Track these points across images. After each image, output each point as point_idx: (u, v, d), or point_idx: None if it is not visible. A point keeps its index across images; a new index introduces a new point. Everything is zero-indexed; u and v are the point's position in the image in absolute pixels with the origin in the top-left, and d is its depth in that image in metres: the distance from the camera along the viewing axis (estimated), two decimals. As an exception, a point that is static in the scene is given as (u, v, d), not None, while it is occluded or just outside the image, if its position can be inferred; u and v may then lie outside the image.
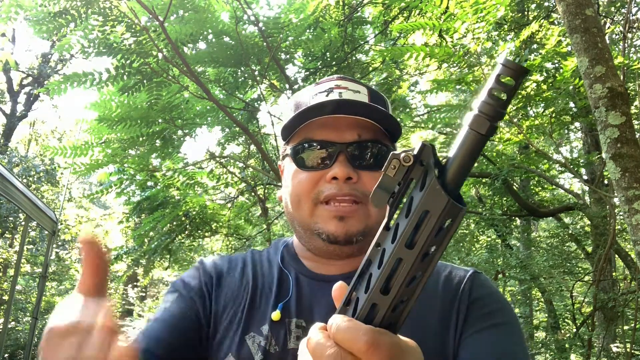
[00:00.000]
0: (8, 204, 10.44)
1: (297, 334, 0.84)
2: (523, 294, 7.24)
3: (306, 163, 0.87)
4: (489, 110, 0.41)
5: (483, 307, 0.84)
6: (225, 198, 6.36)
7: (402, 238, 0.45)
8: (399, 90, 5.84)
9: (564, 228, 6.80)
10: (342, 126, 0.85)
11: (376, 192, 0.47)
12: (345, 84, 0.90)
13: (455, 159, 0.43)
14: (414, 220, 0.44)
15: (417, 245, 0.44)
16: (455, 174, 0.43)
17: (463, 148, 0.43)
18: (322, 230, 0.84)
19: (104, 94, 3.95)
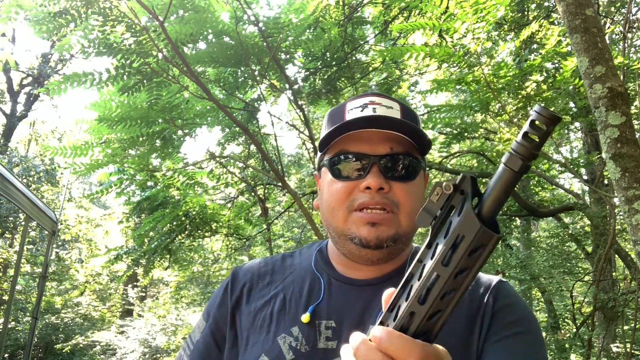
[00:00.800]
0: (8, 204, 10.44)
1: (326, 335, 0.89)
2: (523, 294, 7.24)
3: (342, 173, 0.93)
4: (522, 150, 0.47)
5: (506, 316, 0.88)
6: (225, 198, 6.36)
7: (440, 256, 0.51)
8: (399, 90, 5.84)
9: (564, 228, 6.80)
10: (376, 140, 0.92)
11: (421, 214, 0.53)
12: (379, 100, 0.97)
13: (492, 191, 0.49)
14: (450, 241, 0.50)
15: (452, 263, 0.50)
16: (490, 204, 0.50)
17: (499, 182, 0.49)
18: (355, 235, 0.90)
19: (104, 94, 3.95)
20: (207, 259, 9.32)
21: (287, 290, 0.97)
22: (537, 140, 0.46)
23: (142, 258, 5.34)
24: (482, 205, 0.50)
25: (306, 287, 0.96)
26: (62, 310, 13.13)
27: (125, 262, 6.18)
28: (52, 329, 12.38)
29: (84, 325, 13.03)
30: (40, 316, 11.10)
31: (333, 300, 0.93)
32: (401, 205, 0.90)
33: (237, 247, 6.95)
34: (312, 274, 0.98)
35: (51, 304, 13.06)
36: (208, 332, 0.98)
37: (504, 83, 3.81)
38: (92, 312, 13.88)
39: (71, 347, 11.88)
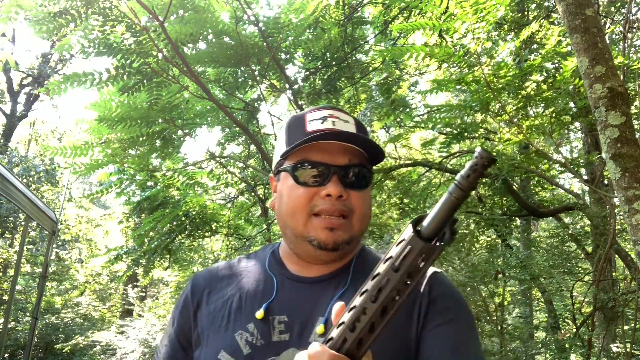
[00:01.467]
0: (8, 204, 10.44)
1: (279, 329, 0.97)
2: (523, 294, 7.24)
3: (303, 180, 1.00)
4: (464, 184, 0.56)
5: (440, 304, 0.97)
6: (225, 198, 6.36)
7: (390, 263, 0.61)
8: (399, 90, 5.84)
9: (564, 228, 6.80)
10: (336, 151, 1.00)
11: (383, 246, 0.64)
12: (337, 114, 1.06)
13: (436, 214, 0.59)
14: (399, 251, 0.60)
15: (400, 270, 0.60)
16: (428, 227, 0.59)
17: (443, 207, 0.58)
18: (314, 238, 0.98)
19: (104, 94, 3.95)
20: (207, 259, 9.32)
21: (243, 290, 1.04)
22: (473, 177, 0.56)
23: (142, 258, 5.34)
24: (426, 224, 0.60)
25: (260, 287, 1.04)
26: (62, 310, 13.12)
27: (125, 262, 6.18)
28: (52, 329, 12.38)
29: (84, 325, 13.03)
30: (40, 316, 11.10)
31: (285, 297, 1.00)
32: (356, 211, 1.00)
33: (237, 247, 6.95)
34: (266, 274, 1.06)
35: (51, 304, 13.06)
36: (174, 337, 1.07)
37: (504, 83, 3.80)
38: (92, 312, 13.88)
39: (71, 347, 11.88)
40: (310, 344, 0.90)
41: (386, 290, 0.60)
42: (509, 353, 5.74)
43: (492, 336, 6.21)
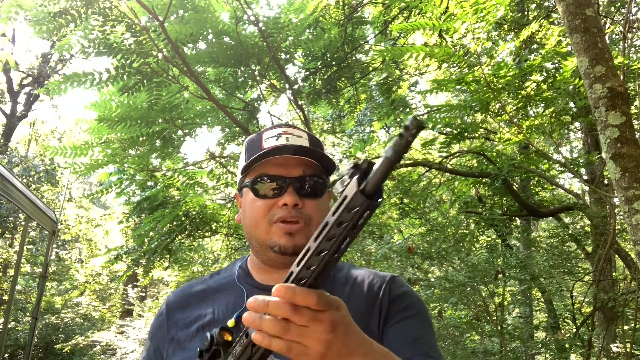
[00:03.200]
0: (8, 204, 10.44)
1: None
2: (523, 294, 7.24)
3: (262, 193, 1.09)
4: (397, 144, 0.59)
5: (400, 302, 1.07)
6: (225, 198, 6.35)
7: (332, 210, 0.64)
8: (399, 90, 5.84)
9: (564, 228, 6.80)
10: (290, 164, 1.09)
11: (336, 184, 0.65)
12: (290, 131, 1.15)
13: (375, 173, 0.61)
14: (338, 202, 0.62)
15: (336, 214, 0.63)
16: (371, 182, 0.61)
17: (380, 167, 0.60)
18: (275, 243, 1.07)
19: (104, 94, 3.95)
20: (207, 259, 9.32)
21: (215, 304, 1.11)
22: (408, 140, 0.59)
23: (142, 258, 5.34)
24: (363, 179, 0.62)
25: (232, 299, 1.11)
26: (62, 310, 13.12)
27: (125, 262, 6.18)
28: (52, 329, 12.38)
29: (84, 325, 13.03)
30: (40, 316, 11.10)
31: None
32: (313, 218, 1.08)
33: (237, 247, 6.96)
34: (236, 287, 1.14)
35: (51, 304, 13.06)
36: (152, 354, 1.14)
37: (504, 83, 3.81)
38: (92, 312, 13.87)
39: (71, 347, 11.88)
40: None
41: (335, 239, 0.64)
42: (509, 353, 5.74)
43: (492, 336, 6.21)
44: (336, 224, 0.63)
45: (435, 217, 6.83)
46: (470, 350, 6.16)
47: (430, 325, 1.10)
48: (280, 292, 0.67)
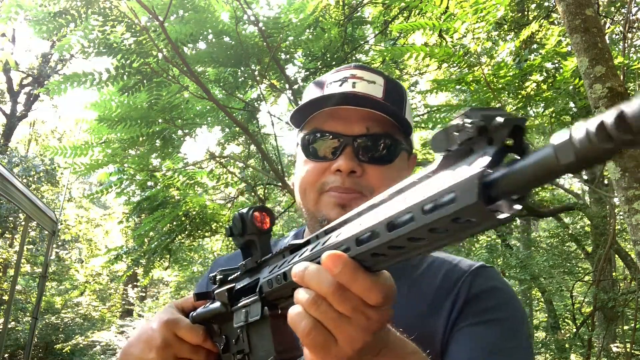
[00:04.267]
0: (8, 204, 10.43)
1: None
2: (523, 294, 7.24)
3: (314, 153, 0.89)
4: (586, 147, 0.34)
5: (482, 302, 0.81)
6: (225, 198, 6.35)
7: (426, 199, 0.42)
8: (399, 90, 5.83)
9: (564, 228, 6.80)
10: (352, 118, 0.85)
11: (439, 136, 0.43)
12: (361, 74, 0.90)
13: (517, 170, 0.37)
14: (441, 193, 0.40)
15: (431, 215, 0.41)
16: (502, 184, 0.38)
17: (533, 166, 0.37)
18: (325, 217, 0.86)
19: (104, 94, 3.95)
20: (207, 259, 9.32)
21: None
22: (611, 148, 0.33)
23: (142, 258, 5.34)
24: (491, 179, 0.38)
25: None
26: (62, 310, 13.12)
27: (125, 262, 6.17)
28: (52, 329, 12.38)
29: (84, 325, 13.02)
30: (40, 316, 11.09)
31: None
32: (375, 191, 0.83)
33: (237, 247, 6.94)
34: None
35: (51, 304, 13.05)
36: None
37: (504, 83, 3.80)
38: (92, 312, 13.87)
39: (71, 347, 11.88)
40: None
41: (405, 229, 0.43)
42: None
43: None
44: (427, 228, 0.42)
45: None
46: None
47: (523, 337, 0.80)
48: (328, 262, 0.50)
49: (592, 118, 0.33)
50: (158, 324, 0.75)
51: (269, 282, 0.62)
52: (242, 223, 0.69)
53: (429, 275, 0.86)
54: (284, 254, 0.63)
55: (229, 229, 0.71)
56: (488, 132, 0.39)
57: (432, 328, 0.80)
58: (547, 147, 0.35)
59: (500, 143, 0.38)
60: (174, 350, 0.74)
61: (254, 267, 0.69)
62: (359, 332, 0.51)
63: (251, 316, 0.66)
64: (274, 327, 0.64)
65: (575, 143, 0.33)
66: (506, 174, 0.38)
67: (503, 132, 0.38)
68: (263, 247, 0.69)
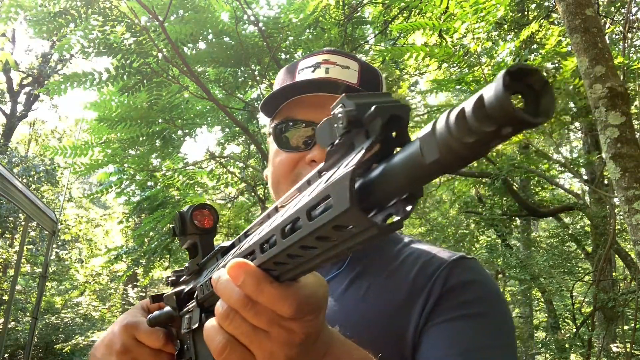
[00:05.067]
0: (8, 204, 10.43)
1: None
2: (523, 294, 7.24)
3: (286, 143, 0.84)
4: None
5: (459, 295, 0.75)
6: (225, 198, 6.35)
7: (308, 204, 0.37)
8: (399, 90, 5.84)
9: (564, 228, 6.80)
10: (325, 105, 0.78)
11: (323, 128, 0.38)
12: (334, 59, 0.86)
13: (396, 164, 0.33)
14: (319, 195, 0.36)
15: (316, 222, 0.36)
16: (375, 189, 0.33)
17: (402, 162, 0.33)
18: None
19: (104, 94, 3.95)
20: (207, 259, 9.31)
21: None
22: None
23: (142, 258, 5.34)
24: (364, 180, 0.34)
25: None
26: (62, 310, 13.12)
27: (125, 262, 6.18)
28: (52, 329, 12.37)
29: (84, 325, 13.02)
30: (40, 316, 11.09)
31: None
32: None
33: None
34: None
35: (51, 304, 13.05)
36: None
37: (504, 83, 3.79)
38: (92, 312, 13.87)
39: (71, 347, 11.88)
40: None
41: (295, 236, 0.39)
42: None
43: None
44: (314, 236, 0.37)
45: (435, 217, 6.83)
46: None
47: (503, 334, 0.73)
48: (231, 272, 0.45)
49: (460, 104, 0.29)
50: (118, 328, 0.72)
51: (201, 289, 0.58)
52: (181, 222, 0.64)
53: (406, 265, 0.80)
54: (217, 256, 0.60)
55: (172, 229, 0.67)
56: (363, 123, 0.34)
57: (404, 322, 0.75)
58: (415, 140, 0.32)
59: (376, 136, 0.33)
60: (134, 354, 0.70)
61: (196, 270, 0.66)
62: (279, 346, 0.46)
63: (192, 323, 0.63)
64: None
65: (437, 135, 0.29)
66: (379, 175, 0.34)
67: (378, 123, 0.33)
68: (205, 248, 0.65)
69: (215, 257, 0.61)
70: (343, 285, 0.81)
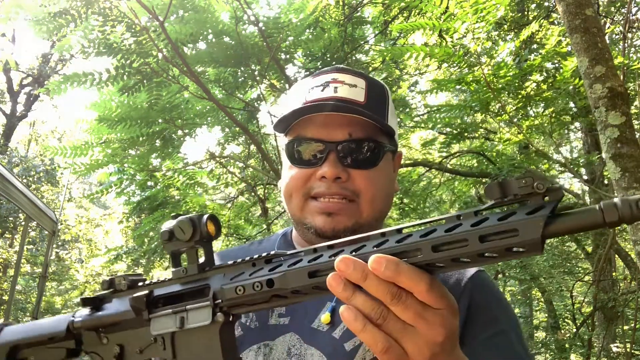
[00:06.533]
0: (8, 204, 10.44)
1: (279, 312, 0.88)
2: (523, 294, 7.25)
3: (299, 159, 0.90)
4: (626, 210, 0.46)
5: (489, 311, 0.84)
6: (225, 198, 6.35)
7: (483, 229, 0.50)
8: (399, 90, 5.84)
9: (564, 228, 6.80)
10: (334, 124, 0.87)
11: (493, 186, 0.51)
12: (342, 77, 0.91)
13: (569, 219, 0.49)
14: (502, 227, 0.49)
15: (488, 242, 0.50)
16: (559, 227, 0.49)
17: (582, 216, 0.48)
18: (311, 224, 0.87)
19: (104, 94, 3.95)
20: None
21: None
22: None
23: (142, 258, 5.34)
24: (552, 223, 0.49)
25: None
26: (62, 311, 13.12)
27: (125, 262, 6.18)
28: (52, 329, 12.38)
29: (84, 325, 13.03)
30: (40, 316, 11.09)
31: None
32: (362, 193, 0.86)
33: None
34: None
35: (51, 304, 13.07)
36: None
37: (504, 83, 3.80)
38: (92, 312, 13.87)
39: (71, 347, 11.88)
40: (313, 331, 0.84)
41: (454, 249, 0.51)
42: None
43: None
44: (477, 252, 0.50)
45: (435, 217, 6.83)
46: (470, 350, 6.16)
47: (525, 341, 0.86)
48: (379, 264, 0.51)
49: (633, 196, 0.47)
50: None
51: (237, 289, 0.61)
52: (192, 228, 0.66)
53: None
54: (255, 263, 0.63)
55: (168, 232, 0.67)
56: (549, 191, 0.50)
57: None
58: (595, 207, 0.48)
59: (554, 201, 0.49)
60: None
61: (196, 274, 0.67)
62: (425, 341, 0.52)
63: (192, 322, 0.64)
64: (223, 335, 0.63)
65: (617, 207, 0.46)
66: (558, 220, 0.49)
67: (556, 195, 0.49)
68: (208, 254, 0.68)
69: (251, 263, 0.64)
70: None
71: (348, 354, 0.82)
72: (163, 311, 0.67)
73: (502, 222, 0.49)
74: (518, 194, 0.50)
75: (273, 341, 0.86)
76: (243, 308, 0.63)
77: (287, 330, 0.86)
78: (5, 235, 12.64)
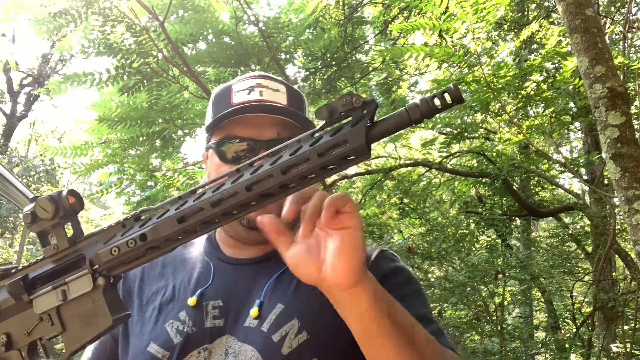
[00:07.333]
0: (8, 204, 10.43)
1: (213, 314, 0.92)
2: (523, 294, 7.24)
3: (228, 157, 0.96)
4: (425, 109, 0.55)
5: (392, 280, 0.93)
6: (225, 198, 6.34)
7: (319, 147, 0.57)
8: (399, 90, 5.85)
9: (564, 228, 6.80)
10: (263, 124, 0.96)
11: (321, 109, 0.58)
12: (265, 83, 1.01)
13: (384, 123, 0.57)
14: (334, 140, 0.57)
15: (325, 157, 0.57)
16: (378, 132, 0.57)
17: (393, 119, 0.57)
18: (243, 217, 0.93)
19: (104, 94, 3.95)
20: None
21: (177, 279, 0.99)
22: (439, 107, 0.55)
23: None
24: (372, 129, 0.57)
25: (195, 274, 0.99)
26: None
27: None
28: (52, 329, 12.38)
29: (84, 325, 13.03)
30: (40, 316, 11.08)
31: (221, 282, 0.96)
32: None
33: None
34: (202, 260, 1.01)
35: (51, 304, 13.06)
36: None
37: (504, 83, 3.81)
38: (92, 312, 13.89)
39: (71, 347, 11.88)
40: (245, 329, 0.89)
41: (300, 168, 0.58)
42: (509, 353, 5.74)
43: (492, 336, 6.21)
44: (318, 166, 0.58)
45: (435, 217, 6.83)
46: (470, 350, 6.16)
47: (428, 302, 1.00)
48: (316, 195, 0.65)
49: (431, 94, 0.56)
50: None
51: (112, 250, 0.65)
52: (54, 205, 0.67)
53: None
54: (125, 223, 0.68)
55: (30, 214, 0.67)
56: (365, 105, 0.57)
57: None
58: (401, 110, 0.56)
59: (371, 112, 0.57)
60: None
61: (68, 247, 0.69)
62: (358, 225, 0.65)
63: (74, 292, 0.66)
64: (107, 296, 0.66)
65: (421, 104, 0.55)
66: (376, 127, 0.57)
67: (371, 107, 0.57)
68: (76, 227, 0.70)
69: (122, 225, 0.68)
70: (295, 279, 0.92)
71: (276, 345, 0.87)
72: (43, 289, 0.68)
73: (333, 137, 0.57)
74: (342, 111, 0.57)
75: (211, 344, 0.90)
76: (122, 267, 0.66)
77: (224, 332, 0.90)
78: (5, 235, 12.64)
